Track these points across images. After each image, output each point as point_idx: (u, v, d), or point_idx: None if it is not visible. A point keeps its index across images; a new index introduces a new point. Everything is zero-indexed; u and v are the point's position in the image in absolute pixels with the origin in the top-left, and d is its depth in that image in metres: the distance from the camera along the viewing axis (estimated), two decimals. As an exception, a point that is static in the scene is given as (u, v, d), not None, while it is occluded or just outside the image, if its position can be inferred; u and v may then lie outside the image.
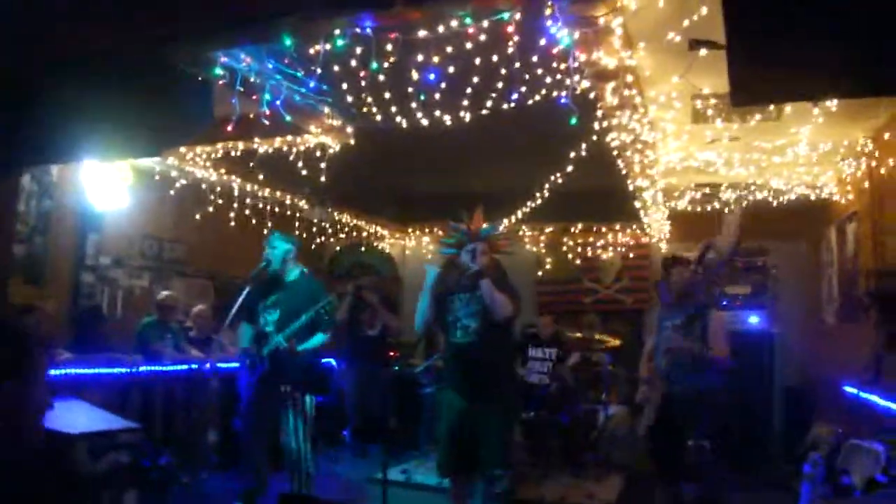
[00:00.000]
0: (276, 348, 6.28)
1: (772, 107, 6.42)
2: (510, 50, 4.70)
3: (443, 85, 5.25)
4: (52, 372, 6.32)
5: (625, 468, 8.71)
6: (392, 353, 10.14)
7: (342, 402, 9.97)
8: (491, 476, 5.30)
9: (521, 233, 12.12)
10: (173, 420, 7.55)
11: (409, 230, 13.22)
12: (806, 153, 7.67)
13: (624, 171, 7.79)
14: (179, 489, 6.82)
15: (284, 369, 6.32)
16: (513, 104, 5.61)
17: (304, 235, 11.11)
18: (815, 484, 3.61)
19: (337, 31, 4.62)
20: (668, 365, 6.05)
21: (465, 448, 5.34)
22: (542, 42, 4.64)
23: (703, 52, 4.86)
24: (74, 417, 5.82)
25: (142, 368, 7.24)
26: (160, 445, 7.07)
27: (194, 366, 7.77)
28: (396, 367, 9.77)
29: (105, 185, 8.23)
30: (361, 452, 9.34)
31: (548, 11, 4.24)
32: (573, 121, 4.86)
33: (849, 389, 7.45)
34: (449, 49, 4.74)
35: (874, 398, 6.74)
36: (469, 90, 5.65)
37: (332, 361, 10.57)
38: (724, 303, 8.66)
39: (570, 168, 7.46)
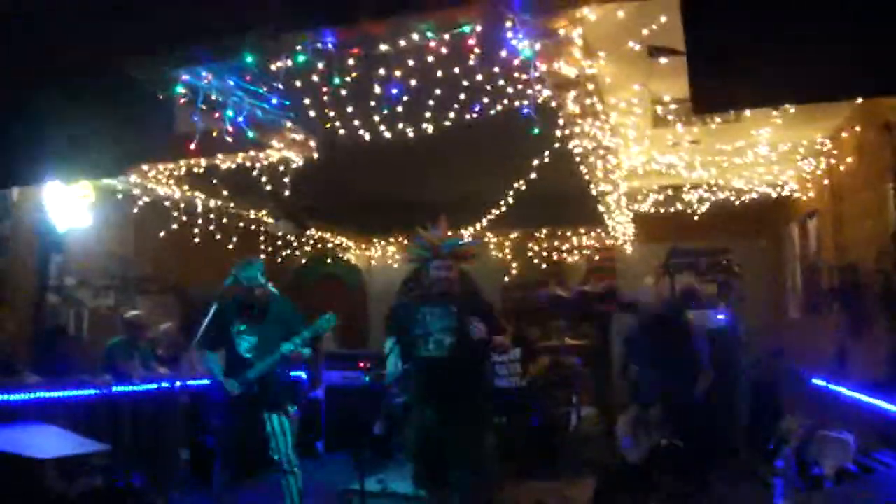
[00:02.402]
0: (262, 373, 6.14)
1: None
2: (472, 62, 4.72)
3: (405, 98, 5.26)
4: (20, 396, 6.25)
5: (597, 468, 8.74)
6: (362, 364, 10.14)
7: (314, 415, 9.99)
8: (466, 486, 5.28)
9: (486, 239, 12.17)
10: (143, 440, 7.48)
11: (374, 241, 13.20)
12: (766, 153, 7.78)
13: (587, 176, 7.85)
14: (152, 509, 6.76)
15: (270, 389, 6.25)
16: (475, 115, 5.63)
17: (270, 249, 11.09)
18: (787, 478, 3.67)
19: (299, 48, 4.62)
20: None
21: (439, 459, 5.30)
22: (504, 54, 4.67)
23: (663, 60, 4.91)
24: (45, 442, 5.75)
25: (112, 389, 7.16)
26: (131, 466, 7.02)
27: (164, 384, 7.70)
28: (367, 378, 9.75)
29: (67, 205, 8.14)
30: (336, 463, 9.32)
31: (508, 24, 4.27)
32: (536, 131, 4.89)
33: (816, 381, 7.56)
34: (411, 62, 4.75)
35: (841, 389, 6.83)
36: (431, 102, 5.68)
37: (303, 375, 10.55)
38: (692, 303, 8.71)
39: (533, 175, 7.52)
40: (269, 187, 7.61)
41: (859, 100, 6.31)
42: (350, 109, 5.86)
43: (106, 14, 4.66)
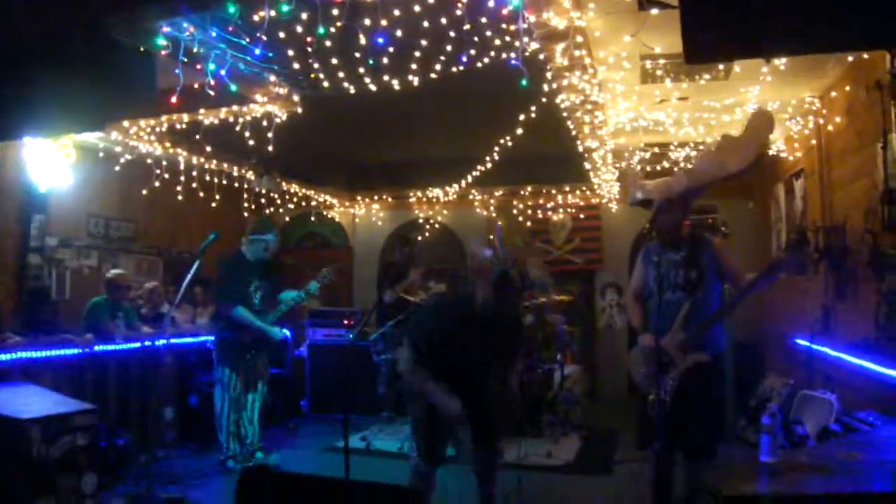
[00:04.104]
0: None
1: (721, 66, 6.44)
2: (459, 12, 4.64)
3: (391, 49, 5.18)
4: (3, 357, 6.20)
5: (582, 427, 8.78)
6: (346, 322, 10.11)
7: (299, 374, 10.01)
8: (494, 450, 5.24)
9: (471, 197, 12.16)
10: (128, 399, 7.46)
11: (359, 198, 13.15)
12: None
13: (574, 133, 7.79)
14: (137, 469, 6.72)
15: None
16: (462, 67, 5.55)
17: (253, 207, 11.02)
18: (773, 435, 3.63)
19: (282, -4, 4.53)
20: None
21: (445, 435, 5.21)
22: (492, 3, 4.59)
23: (654, 11, 4.81)
24: (27, 402, 5.72)
25: (95, 348, 7.11)
26: (116, 425, 7.00)
27: (147, 343, 7.65)
28: (351, 335, 9.74)
29: (48, 164, 8.05)
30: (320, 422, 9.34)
31: (497, -28, 4.19)
32: (524, 83, 4.82)
33: (800, 342, 7.57)
34: (397, 12, 4.67)
35: (825, 349, 6.85)
36: (418, 54, 5.60)
37: (286, 333, 10.53)
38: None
39: (519, 131, 7.45)
40: (251, 143, 7.52)
41: (850, 58, 6.28)
42: (335, 61, 5.77)
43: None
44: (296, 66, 5.88)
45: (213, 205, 9.67)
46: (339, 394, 9.40)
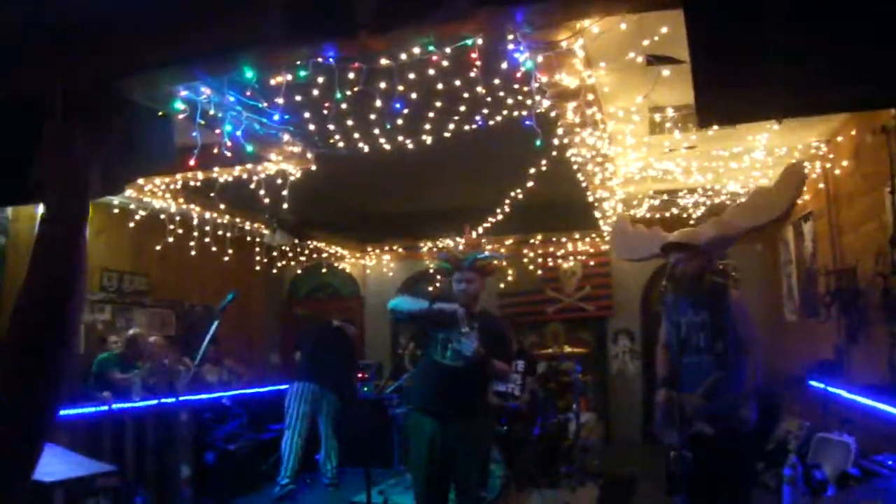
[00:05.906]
0: None
1: (729, 117, 6.50)
2: (473, 74, 4.70)
3: (406, 110, 5.23)
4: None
5: (599, 476, 8.74)
6: (360, 375, 10.12)
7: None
8: (471, 499, 5.16)
9: (481, 246, 12.18)
10: (145, 457, 7.45)
11: (370, 250, 13.21)
12: (762, 158, 7.78)
13: (584, 184, 7.85)
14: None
15: None
16: (476, 126, 5.62)
17: (265, 260, 11.08)
18: (795, 485, 3.62)
19: (299, 62, 4.60)
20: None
21: (444, 472, 5.14)
22: (505, 66, 4.66)
23: (665, 72, 4.88)
24: (48, 463, 5.68)
25: (113, 406, 7.13)
26: (134, 484, 6.99)
27: (164, 400, 7.67)
28: (366, 389, 9.75)
29: (62, 220, 8.10)
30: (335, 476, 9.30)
31: (510, 37, 4.26)
32: (539, 143, 4.88)
33: (815, 384, 7.57)
34: (412, 76, 4.74)
35: (840, 392, 6.84)
36: (432, 114, 5.67)
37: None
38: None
39: (530, 184, 7.52)
40: (266, 200, 7.59)
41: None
42: (350, 123, 5.85)
43: (100, 34, 4.60)
44: (311, 127, 5.96)
45: (226, 259, 9.73)
46: (356, 447, 9.37)
